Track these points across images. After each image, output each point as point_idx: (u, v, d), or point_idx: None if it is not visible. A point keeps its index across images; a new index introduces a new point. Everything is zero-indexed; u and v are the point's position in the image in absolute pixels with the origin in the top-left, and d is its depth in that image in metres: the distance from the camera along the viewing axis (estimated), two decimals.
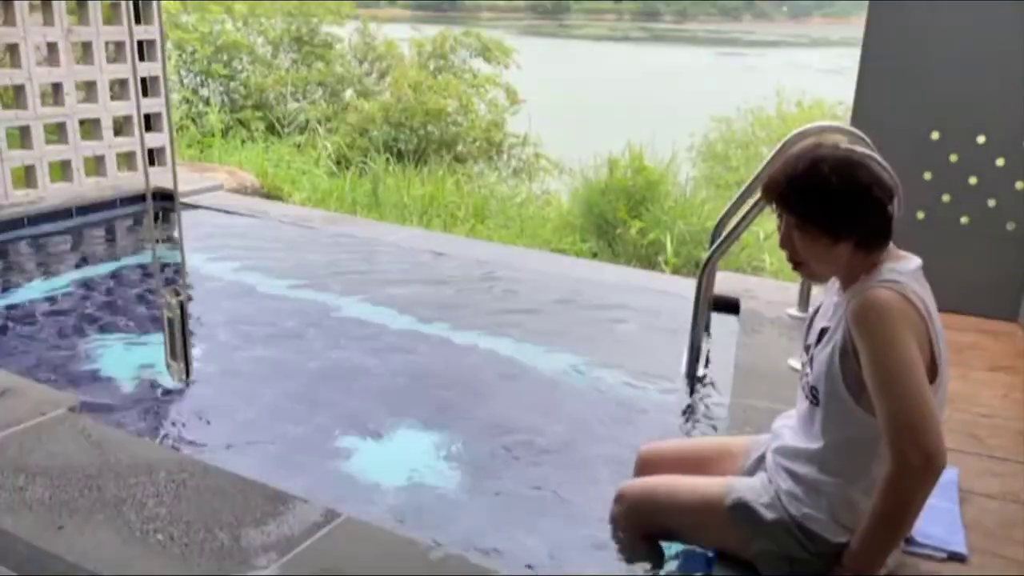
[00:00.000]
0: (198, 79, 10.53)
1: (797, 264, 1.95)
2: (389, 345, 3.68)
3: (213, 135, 8.89)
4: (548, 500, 2.57)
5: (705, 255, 3.31)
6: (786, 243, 1.92)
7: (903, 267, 1.84)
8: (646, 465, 2.36)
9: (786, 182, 1.88)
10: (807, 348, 2.01)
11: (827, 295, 2.03)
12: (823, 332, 1.94)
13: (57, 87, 5.37)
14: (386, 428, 2.98)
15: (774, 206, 1.92)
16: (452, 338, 3.76)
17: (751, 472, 2.14)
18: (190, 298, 2.65)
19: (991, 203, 3.67)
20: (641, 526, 2.22)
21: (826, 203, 1.83)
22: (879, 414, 1.73)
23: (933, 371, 1.78)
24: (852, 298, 1.81)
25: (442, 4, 42.01)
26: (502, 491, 2.63)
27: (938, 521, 2.12)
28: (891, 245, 1.89)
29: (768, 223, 5.70)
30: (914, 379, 1.70)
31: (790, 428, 2.06)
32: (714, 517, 2.03)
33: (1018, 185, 3.61)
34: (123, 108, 5.73)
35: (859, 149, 1.90)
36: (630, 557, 2.21)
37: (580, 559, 2.28)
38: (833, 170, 1.82)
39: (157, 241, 2.79)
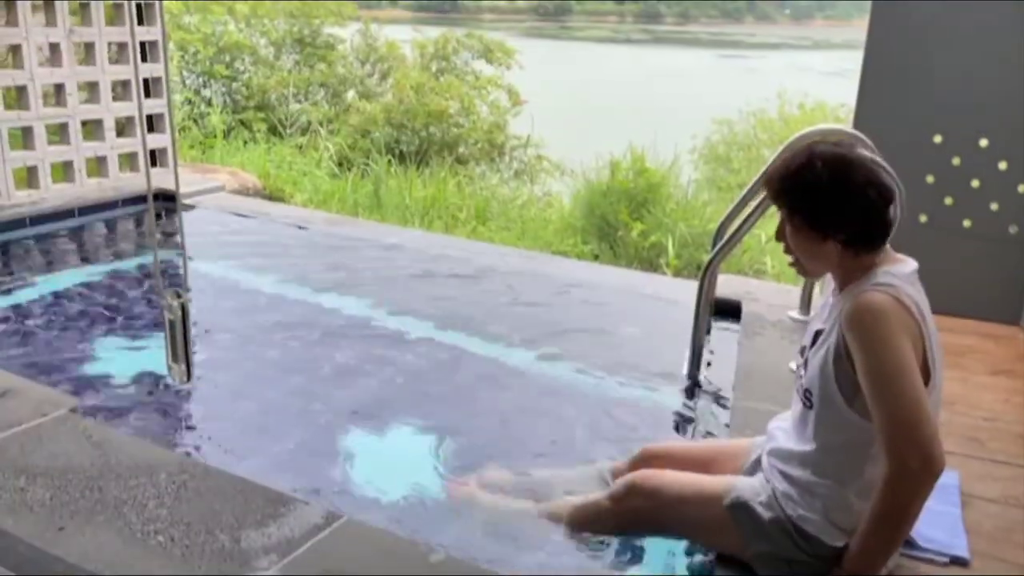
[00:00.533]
0: (200, 80, 10.54)
1: (791, 258, 1.97)
2: (388, 345, 3.68)
3: (215, 136, 8.89)
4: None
5: (707, 258, 3.31)
6: (780, 236, 1.96)
7: (898, 270, 1.84)
8: (645, 462, 2.35)
9: (780, 174, 1.91)
10: (802, 350, 2.02)
11: (824, 296, 2.03)
12: (818, 334, 1.94)
13: (59, 88, 5.38)
14: (385, 429, 2.98)
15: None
16: (452, 339, 3.76)
17: (751, 473, 2.15)
18: (189, 304, 2.64)
19: (993, 206, 3.67)
20: (640, 518, 2.21)
21: (814, 198, 1.85)
22: (875, 418, 1.73)
23: (926, 375, 1.79)
24: (846, 301, 1.82)
25: (443, 5, 42.03)
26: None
27: (940, 525, 2.12)
28: (888, 248, 1.89)
29: (770, 226, 5.70)
30: (910, 382, 1.70)
31: (783, 430, 2.06)
32: (714, 516, 2.03)
33: (1020, 188, 3.61)
34: (125, 109, 5.73)
35: (862, 151, 1.91)
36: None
37: (577, 560, 2.28)
38: (826, 166, 1.84)
39: (159, 243, 2.79)
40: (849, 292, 1.84)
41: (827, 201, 1.84)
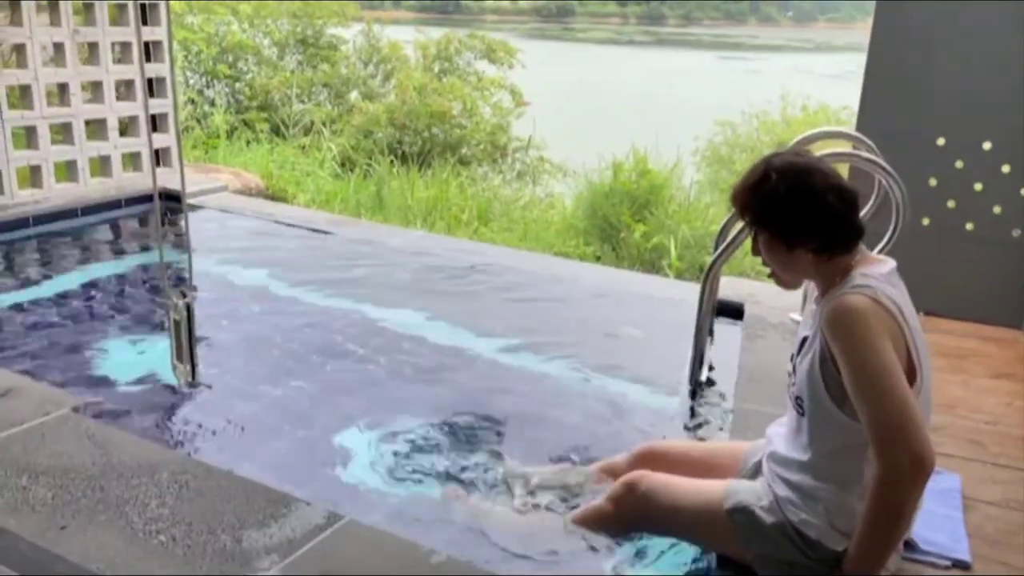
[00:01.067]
0: (203, 80, 10.55)
1: (770, 271, 1.97)
2: (391, 346, 3.69)
3: (218, 136, 8.90)
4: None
5: (709, 260, 3.31)
6: (755, 251, 1.97)
7: (876, 271, 1.85)
8: (643, 460, 2.35)
9: (741, 191, 1.93)
10: (792, 357, 2.02)
11: (808, 303, 2.04)
12: (804, 341, 1.95)
13: (63, 87, 5.39)
14: (386, 429, 2.98)
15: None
16: (454, 341, 3.76)
17: (751, 477, 2.15)
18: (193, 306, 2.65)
19: (996, 210, 3.67)
20: (640, 519, 2.21)
21: (775, 211, 1.87)
22: (863, 419, 1.74)
23: (912, 373, 1.79)
24: (826, 306, 1.83)
25: (446, 6, 42.08)
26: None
27: (941, 528, 2.12)
28: (864, 250, 1.90)
29: None
30: (893, 381, 1.70)
31: (781, 436, 2.06)
32: (714, 520, 2.03)
33: (1023, 192, 3.61)
34: (128, 109, 5.75)
35: (816, 156, 1.92)
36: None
37: (578, 562, 2.28)
38: (782, 177, 1.86)
39: (163, 242, 2.80)
40: (828, 297, 1.85)
41: (787, 212, 1.85)
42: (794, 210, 1.84)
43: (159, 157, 5.88)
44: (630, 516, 2.20)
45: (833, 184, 1.85)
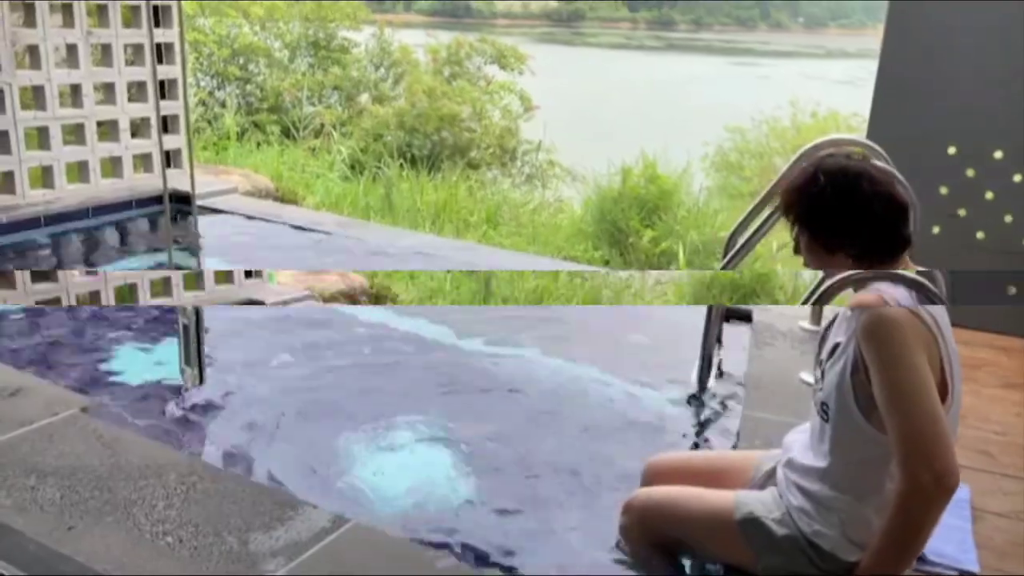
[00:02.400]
0: (214, 82, 10.59)
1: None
2: (398, 350, 3.69)
3: (228, 138, 8.93)
4: (555, 511, 2.57)
5: (718, 266, 3.30)
6: (796, 250, 1.95)
7: None
8: (653, 477, 2.34)
9: (788, 190, 1.91)
10: (819, 362, 2.00)
11: (843, 308, 2.01)
12: (836, 347, 1.92)
13: (76, 88, 5.42)
14: (393, 435, 2.98)
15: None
16: (461, 345, 3.76)
17: (761, 486, 2.12)
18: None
19: (1008, 219, 3.65)
20: (649, 537, 2.21)
21: (820, 212, 1.84)
22: (889, 431, 1.71)
23: (944, 390, 1.76)
24: (862, 314, 1.79)
25: (457, 9, 42.13)
26: (509, 501, 2.62)
27: (950, 539, 2.11)
28: (907, 260, 1.87)
29: (781, 235, 5.67)
30: (925, 396, 1.67)
31: (801, 443, 2.04)
32: (723, 530, 2.01)
33: None
34: (140, 110, 5.77)
35: (873, 163, 1.89)
36: (640, 569, 2.20)
37: (585, 570, 2.28)
38: (830, 180, 1.82)
39: (173, 243, 2.82)
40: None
41: (831, 217, 1.82)
42: (839, 216, 1.81)
43: (170, 158, 5.90)
44: (637, 539, 2.20)
45: (881, 191, 1.80)
